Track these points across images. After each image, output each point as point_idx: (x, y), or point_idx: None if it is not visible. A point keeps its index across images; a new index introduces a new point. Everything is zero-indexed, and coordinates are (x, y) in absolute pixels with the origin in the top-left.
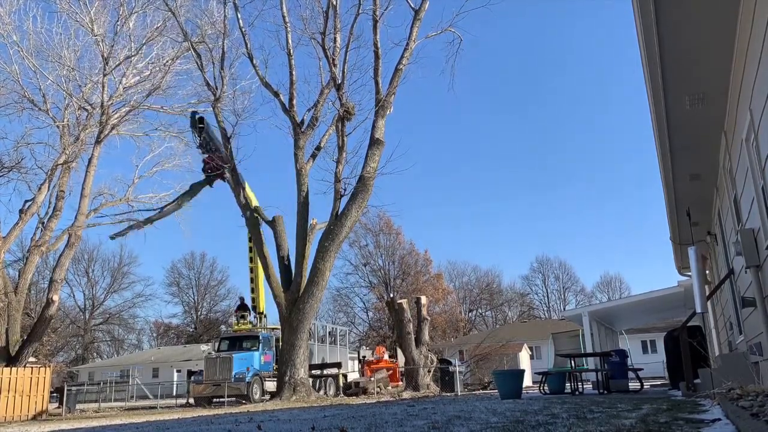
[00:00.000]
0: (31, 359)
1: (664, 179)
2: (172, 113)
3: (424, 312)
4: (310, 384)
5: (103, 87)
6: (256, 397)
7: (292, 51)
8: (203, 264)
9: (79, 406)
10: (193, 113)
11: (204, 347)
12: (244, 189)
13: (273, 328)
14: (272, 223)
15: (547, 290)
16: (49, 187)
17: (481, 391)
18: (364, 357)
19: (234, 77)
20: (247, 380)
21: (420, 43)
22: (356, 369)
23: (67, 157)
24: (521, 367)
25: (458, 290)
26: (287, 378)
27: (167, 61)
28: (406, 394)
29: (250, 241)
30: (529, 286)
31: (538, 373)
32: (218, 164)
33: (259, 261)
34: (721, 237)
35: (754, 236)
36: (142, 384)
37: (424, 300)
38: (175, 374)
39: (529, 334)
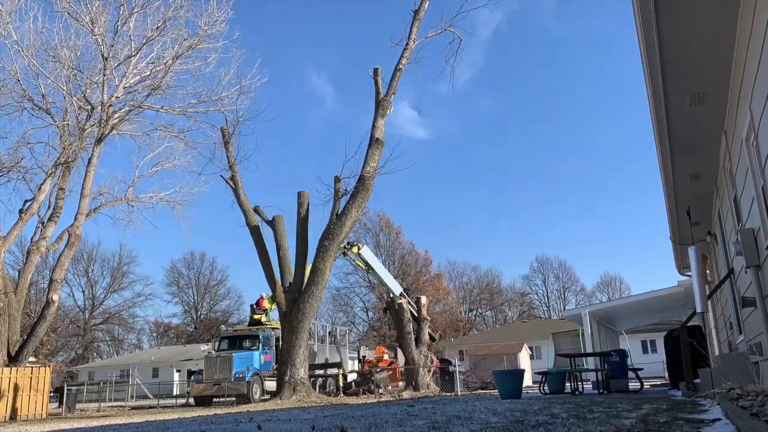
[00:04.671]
0: (31, 359)
1: (664, 179)
2: (172, 113)
3: (424, 312)
4: (310, 384)
5: (103, 87)
6: (256, 396)
7: None
8: (203, 264)
9: (78, 406)
10: None
11: (204, 347)
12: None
13: (274, 328)
14: (272, 223)
15: (547, 290)
16: (49, 186)
17: (481, 391)
18: (364, 357)
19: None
20: (247, 380)
21: (420, 43)
22: (356, 369)
23: (67, 156)
24: (521, 367)
25: (458, 290)
26: (287, 378)
27: (168, 61)
28: (406, 394)
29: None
30: (529, 285)
31: (538, 373)
32: None
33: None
34: (721, 237)
35: (754, 236)
36: (142, 384)
37: (424, 300)
38: (175, 374)
39: (529, 334)
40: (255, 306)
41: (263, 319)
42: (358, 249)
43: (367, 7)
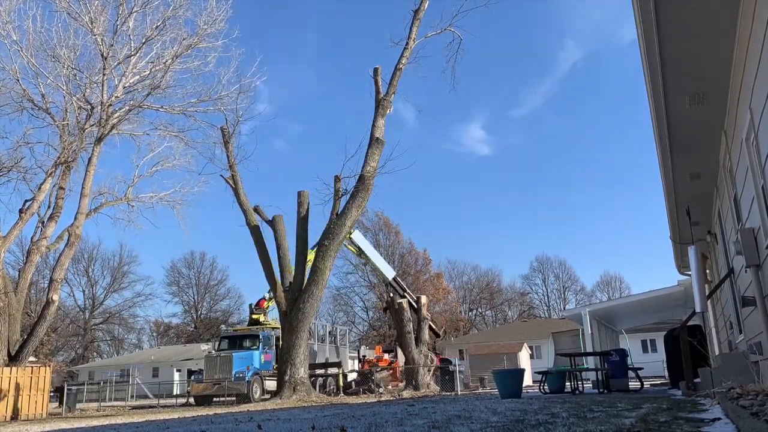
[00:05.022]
0: (31, 359)
1: (664, 178)
2: (172, 112)
3: (424, 311)
4: (310, 383)
5: (103, 86)
6: (256, 396)
7: None
8: (203, 263)
9: (79, 406)
10: None
11: (204, 346)
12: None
13: (274, 327)
14: (272, 223)
15: (547, 289)
16: (49, 186)
17: (481, 390)
18: (364, 356)
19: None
20: (247, 379)
21: (420, 43)
22: (357, 368)
23: (67, 156)
24: (521, 367)
25: (458, 289)
26: (287, 377)
27: (167, 60)
28: (407, 394)
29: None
30: (529, 285)
31: (538, 373)
32: None
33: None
34: (721, 236)
35: (754, 235)
36: (142, 383)
37: (424, 299)
38: (176, 374)
39: (529, 334)
40: (254, 306)
41: (261, 318)
42: (349, 234)
43: (367, 7)
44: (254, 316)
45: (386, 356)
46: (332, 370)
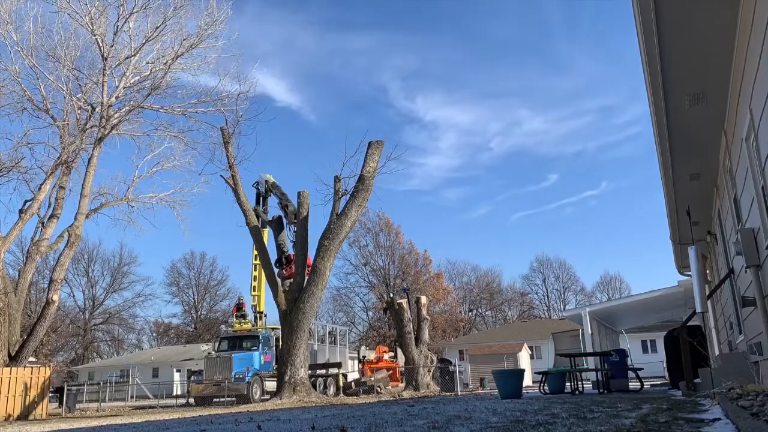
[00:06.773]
0: (31, 359)
1: (664, 179)
2: (172, 113)
3: (424, 312)
4: (310, 384)
5: (103, 87)
6: (256, 396)
7: None
8: (203, 264)
9: (79, 406)
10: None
11: (204, 347)
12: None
13: (273, 328)
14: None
15: (547, 290)
16: (49, 186)
17: (481, 391)
18: (364, 357)
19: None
20: (247, 380)
21: None
22: (356, 369)
23: (67, 156)
24: (521, 367)
25: (458, 290)
26: (287, 378)
27: (168, 61)
28: (407, 394)
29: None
30: (529, 285)
31: (538, 373)
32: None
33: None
34: (721, 236)
35: (754, 236)
36: (142, 384)
37: (423, 300)
38: (175, 374)
39: (529, 334)
40: (236, 313)
41: (248, 326)
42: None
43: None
44: (238, 327)
45: (386, 357)
46: (332, 371)
